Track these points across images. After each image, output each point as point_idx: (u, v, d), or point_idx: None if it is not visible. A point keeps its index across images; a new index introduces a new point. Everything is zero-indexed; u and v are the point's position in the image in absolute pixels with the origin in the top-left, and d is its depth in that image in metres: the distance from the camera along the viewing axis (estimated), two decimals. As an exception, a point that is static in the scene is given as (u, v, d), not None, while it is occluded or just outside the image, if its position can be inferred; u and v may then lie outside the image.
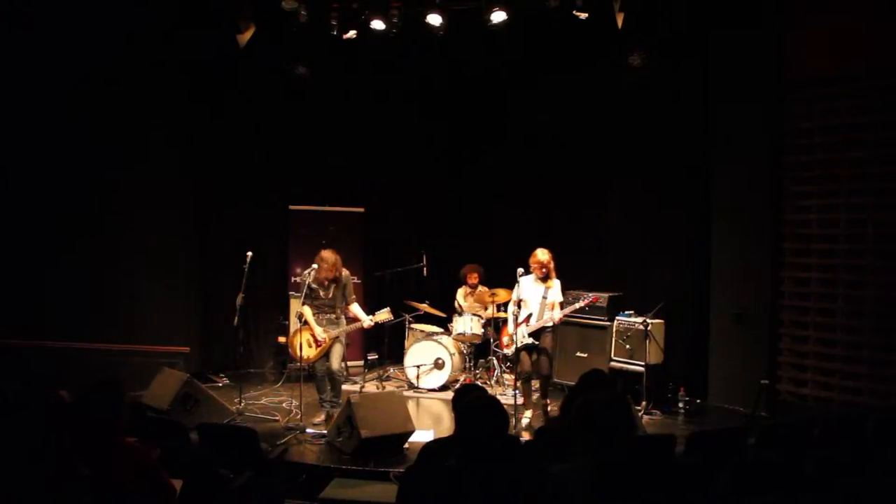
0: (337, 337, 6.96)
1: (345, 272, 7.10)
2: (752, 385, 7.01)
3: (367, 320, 7.04)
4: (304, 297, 6.96)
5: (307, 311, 6.95)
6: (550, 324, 6.83)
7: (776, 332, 7.44)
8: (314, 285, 6.98)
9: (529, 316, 6.86)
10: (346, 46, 8.28)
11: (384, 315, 7.11)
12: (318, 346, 6.91)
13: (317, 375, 7.01)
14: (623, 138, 8.62)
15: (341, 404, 6.57)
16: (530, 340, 6.84)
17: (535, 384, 7.20)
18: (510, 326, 6.98)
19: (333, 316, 7.04)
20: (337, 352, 6.94)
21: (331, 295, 7.03)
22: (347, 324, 7.12)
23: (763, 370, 7.28)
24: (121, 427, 3.45)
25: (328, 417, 6.78)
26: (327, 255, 6.93)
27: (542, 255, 6.87)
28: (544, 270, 6.83)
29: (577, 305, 7.11)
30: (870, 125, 6.83)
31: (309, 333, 6.92)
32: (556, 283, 6.90)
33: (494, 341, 8.42)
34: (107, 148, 7.90)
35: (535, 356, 6.89)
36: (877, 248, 6.76)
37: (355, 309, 7.17)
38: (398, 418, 6.02)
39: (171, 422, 5.35)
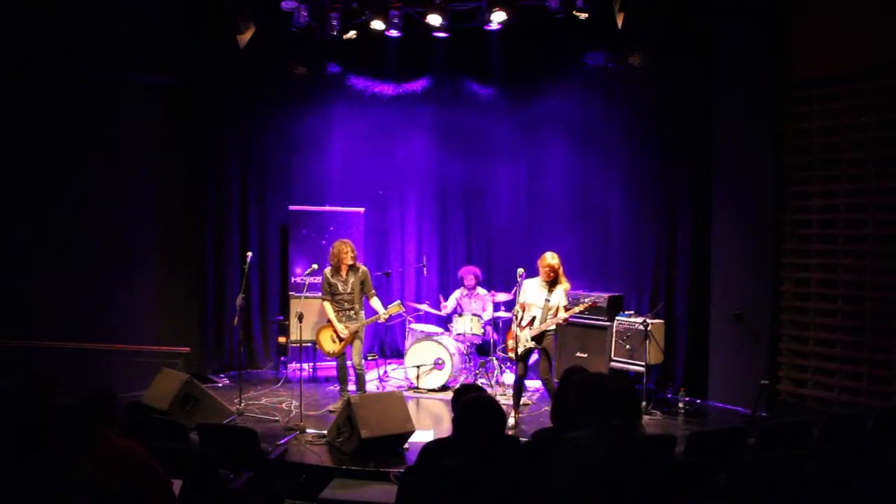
0: (356, 331, 7.25)
1: (362, 266, 7.38)
2: (752, 385, 7.01)
3: (383, 314, 7.30)
4: (324, 294, 7.31)
5: (328, 308, 7.27)
6: (553, 327, 6.77)
7: (776, 332, 7.43)
8: (333, 280, 7.25)
9: (533, 319, 6.74)
10: (346, 46, 8.28)
11: (395, 308, 7.36)
12: (340, 341, 7.26)
13: (338, 367, 7.40)
14: (622, 138, 8.61)
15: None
16: (532, 344, 6.73)
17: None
18: (514, 329, 6.88)
19: (352, 312, 7.30)
20: (357, 347, 7.28)
21: (349, 289, 7.26)
22: (365, 318, 7.38)
23: (763, 370, 7.28)
24: (107, 428, 3.42)
25: None
26: (337, 243, 7.28)
27: (550, 258, 6.73)
28: (552, 274, 6.70)
29: (575, 310, 7.06)
30: (870, 125, 6.83)
31: (331, 330, 7.27)
32: (560, 288, 6.72)
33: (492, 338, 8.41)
34: (107, 148, 7.88)
35: (533, 360, 6.84)
36: (877, 248, 6.75)
37: (374, 303, 7.41)
38: (398, 418, 6.00)
39: (171, 422, 5.34)
